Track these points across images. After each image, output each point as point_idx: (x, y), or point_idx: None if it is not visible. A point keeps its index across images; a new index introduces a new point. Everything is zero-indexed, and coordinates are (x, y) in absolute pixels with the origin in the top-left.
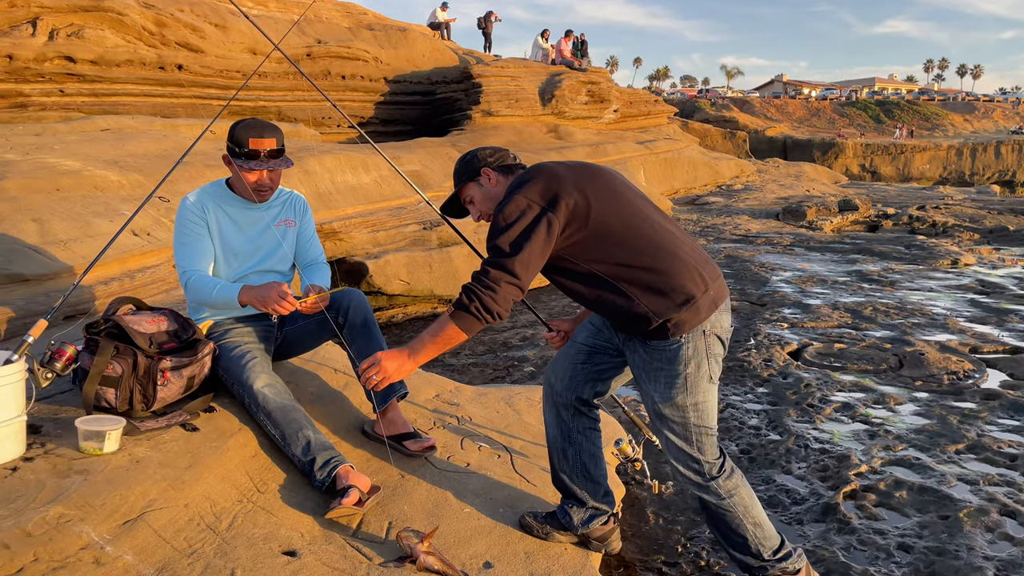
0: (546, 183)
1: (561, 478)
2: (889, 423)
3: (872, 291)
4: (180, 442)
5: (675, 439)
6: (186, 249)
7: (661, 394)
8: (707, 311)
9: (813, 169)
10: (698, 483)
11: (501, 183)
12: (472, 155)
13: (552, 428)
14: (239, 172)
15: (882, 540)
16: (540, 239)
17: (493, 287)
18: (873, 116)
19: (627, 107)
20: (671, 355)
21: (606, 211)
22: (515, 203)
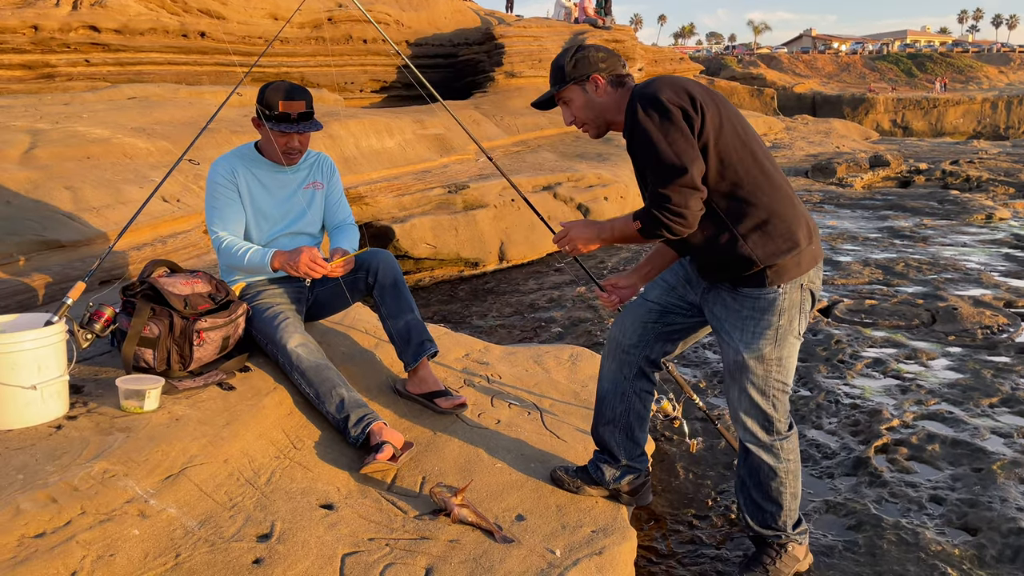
0: (683, 85)
1: (602, 431)
2: (921, 378)
3: (904, 247)
4: (217, 401)
5: (752, 392)
6: (217, 213)
7: (748, 344)
8: (808, 264)
9: (843, 125)
10: (763, 441)
11: (609, 94)
12: (582, 54)
13: (607, 382)
14: (269, 135)
15: (914, 492)
16: (691, 137)
17: (679, 211)
18: (905, 70)
19: (652, 66)
20: (765, 304)
21: (735, 135)
22: (657, 109)
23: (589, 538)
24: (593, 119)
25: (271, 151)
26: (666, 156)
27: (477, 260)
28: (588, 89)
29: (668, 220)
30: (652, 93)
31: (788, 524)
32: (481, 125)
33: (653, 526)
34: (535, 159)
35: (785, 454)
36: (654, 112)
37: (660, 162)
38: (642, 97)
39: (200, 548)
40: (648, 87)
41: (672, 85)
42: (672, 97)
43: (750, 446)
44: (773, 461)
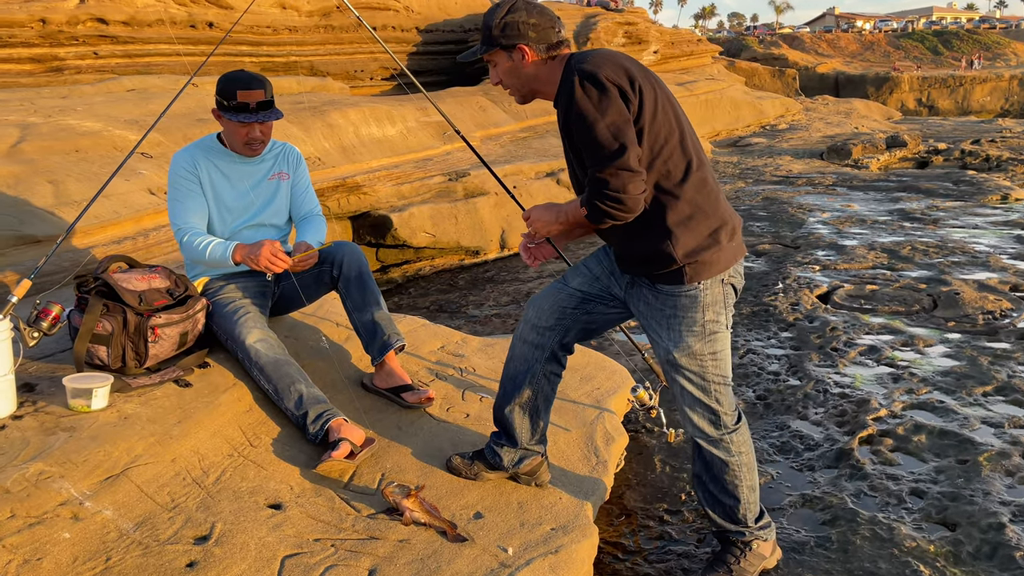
0: (621, 63)
1: (507, 413)
2: (915, 366)
3: (913, 230)
4: (172, 398)
5: (692, 389)
6: (179, 206)
7: (676, 342)
8: (728, 261)
9: (864, 105)
10: (711, 436)
11: (537, 65)
12: (511, 18)
13: (517, 362)
14: (229, 126)
15: (894, 486)
16: (630, 118)
17: (617, 196)
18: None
19: (668, 48)
20: (687, 302)
21: (668, 121)
22: (596, 86)
23: (547, 536)
24: (518, 87)
25: (233, 142)
26: (603, 137)
27: (478, 248)
28: (514, 57)
29: (607, 207)
30: (590, 70)
31: (748, 517)
32: (488, 111)
33: (623, 521)
34: (541, 145)
35: (736, 447)
36: (593, 89)
37: (597, 143)
38: (580, 73)
39: (132, 551)
40: (586, 62)
41: (611, 61)
42: (611, 75)
43: (700, 442)
44: (725, 455)
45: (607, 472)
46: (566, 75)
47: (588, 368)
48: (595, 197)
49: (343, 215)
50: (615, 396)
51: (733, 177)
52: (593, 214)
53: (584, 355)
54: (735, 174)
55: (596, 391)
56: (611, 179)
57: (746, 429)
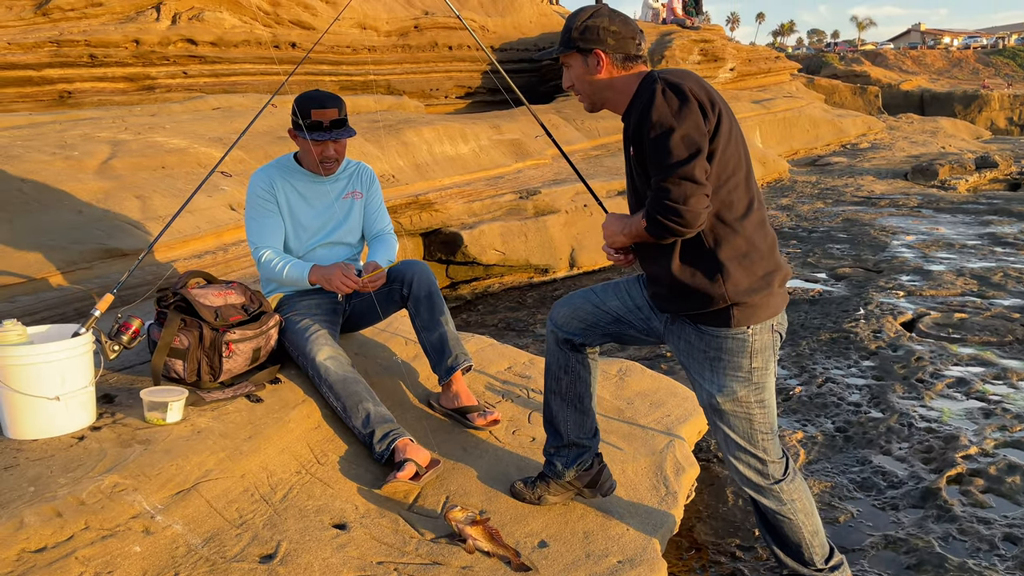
0: (703, 83)
1: (551, 407)
2: (1008, 400)
3: (1005, 255)
4: (243, 413)
5: (736, 437)
6: (256, 224)
7: (720, 387)
8: (777, 306)
9: (951, 124)
10: (759, 486)
11: (610, 74)
12: (592, 22)
13: (550, 356)
14: (304, 145)
15: (986, 530)
16: (705, 132)
17: (675, 207)
18: (1022, 64)
19: (744, 65)
20: (735, 346)
21: (738, 153)
22: (678, 95)
23: (613, 569)
24: (589, 93)
25: (309, 161)
26: (675, 145)
27: (547, 266)
28: (589, 63)
29: (667, 218)
30: (674, 81)
31: (816, 559)
32: (560, 129)
33: (693, 556)
34: (613, 163)
35: (787, 495)
36: (674, 97)
37: (667, 150)
38: (663, 81)
39: (200, 567)
40: (670, 74)
41: (695, 78)
42: (694, 88)
43: (749, 492)
44: (776, 505)
45: (677, 504)
46: (647, 84)
47: (658, 394)
48: (656, 207)
49: (415, 232)
50: (686, 424)
51: (812, 197)
52: (652, 226)
53: (654, 380)
54: (814, 194)
55: (666, 418)
56: (674, 188)
57: (796, 476)
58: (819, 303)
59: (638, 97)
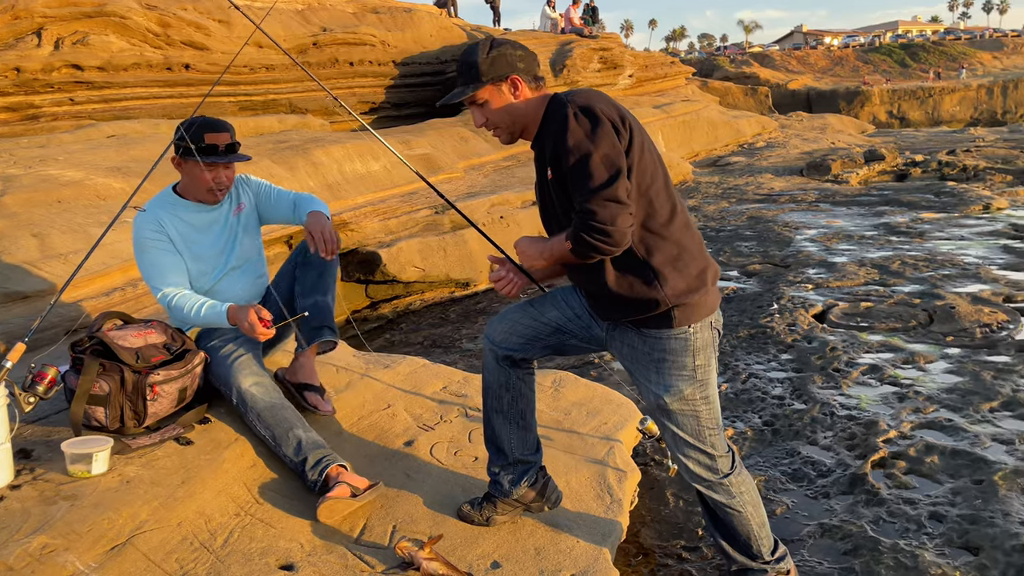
0: (611, 100)
1: (493, 426)
2: (919, 383)
3: (900, 244)
4: (173, 457)
5: (684, 435)
6: (156, 269)
7: (667, 387)
8: (714, 304)
9: (838, 120)
10: (709, 481)
11: (528, 96)
12: (499, 51)
13: (488, 374)
14: (193, 173)
15: (912, 510)
16: (622, 152)
17: (603, 228)
18: (898, 61)
19: (642, 71)
20: (678, 345)
21: (653, 162)
22: (590, 118)
23: None
24: (509, 124)
25: (194, 190)
26: (595, 167)
27: (468, 280)
28: (505, 91)
29: (594, 239)
30: (584, 103)
31: (764, 552)
32: (469, 142)
33: (641, 561)
34: (525, 173)
35: (736, 488)
36: (587, 120)
37: (588, 173)
38: (573, 104)
39: None
40: (577, 95)
41: (602, 97)
42: (604, 108)
43: (699, 487)
44: (727, 499)
45: (622, 511)
46: (556, 107)
47: (594, 402)
48: (582, 228)
49: None
50: (623, 430)
51: (716, 197)
52: (579, 247)
53: (589, 388)
54: (717, 194)
55: (604, 426)
56: (600, 210)
57: (743, 470)
58: (735, 300)
59: (549, 120)
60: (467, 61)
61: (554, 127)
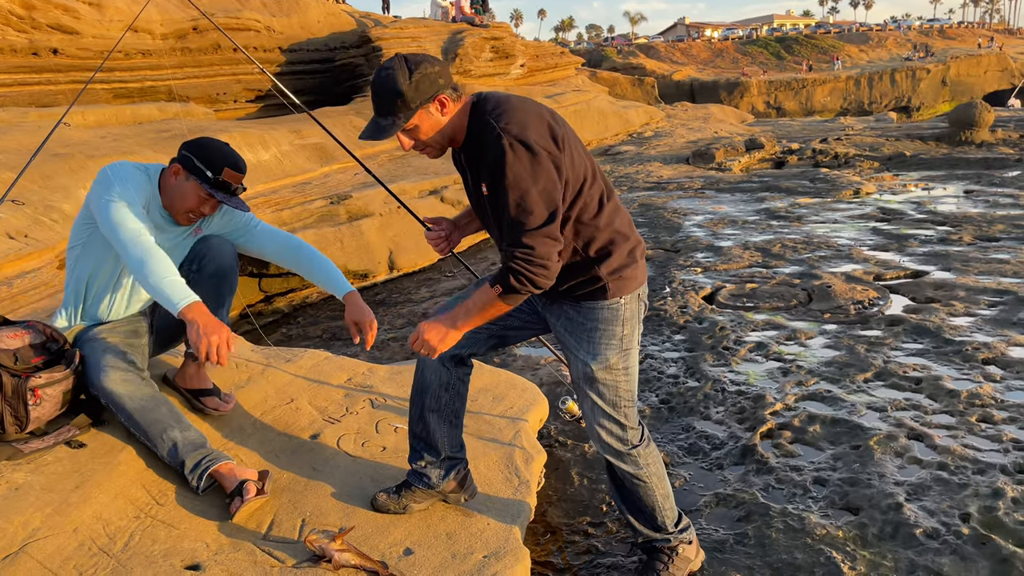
0: (541, 116)
1: (427, 423)
2: (801, 358)
3: (780, 228)
4: (65, 462)
5: (603, 404)
6: (132, 212)
7: (595, 355)
8: (642, 278)
9: (720, 110)
10: (619, 451)
11: (453, 111)
12: (421, 73)
13: (430, 372)
14: (185, 191)
15: (798, 476)
16: (560, 189)
17: (543, 263)
18: (774, 53)
19: (534, 61)
20: (610, 315)
21: (582, 160)
22: (529, 151)
23: (480, 565)
24: (439, 141)
25: (173, 202)
26: (534, 205)
27: (366, 272)
28: (433, 111)
29: (533, 274)
30: (519, 134)
31: (668, 523)
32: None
33: (549, 539)
34: (421, 163)
35: (644, 460)
36: (525, 155)
37: (527, 211)
38: (507, 134)
39: None
40: (510, 122)
41: (533, 117)
42: (539, 138)
43: (608, 458)
44: (634, 469)
45: (530, 492)
46: (486, 131)
47: (499, 387)
48: (524, 263)
49: None
50: (529, 412)
51: None
52: (513, 285)
53: (493, 374)
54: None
55: (510, 410)
56: (539, 246)
57: (651, 442)
58: None
59: (480, 143)
60: (389, 89)
61: (489, 158)
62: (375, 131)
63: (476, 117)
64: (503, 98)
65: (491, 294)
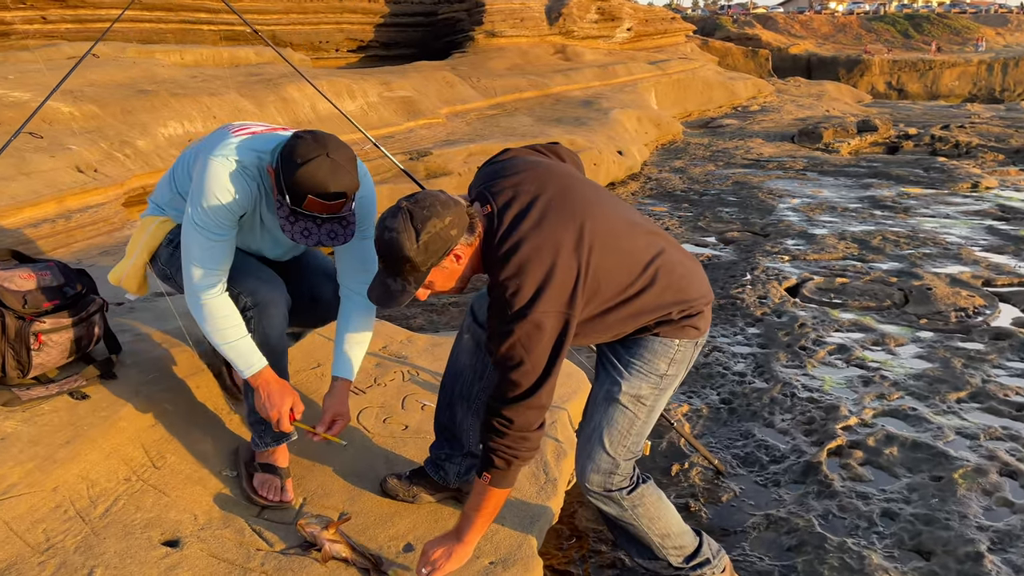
0: (558, 270)
1: (454, 413)
2: (886, 367)
3: (883, 218)
4: (62, 413)
5: (608, 430)
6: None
7: (628, 379)
8: (706, 324)
9: (836, 88)
10: (599, 492)
11: (470, 253)
12: (428, 234)
13: (465, 357)
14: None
15: (865, 506)
16: (566, 348)
17: (526, 436)
18: (902, 31)
19: (642, 25)
20: (660, 348)
21: (610, 252)
22: (530, 323)
23: (485, 572)
24: (459, 285)
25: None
26: (523, 377)
27: None
28: (448, 265)
29: (515, 449)
30: (529, 313)
31: (672, 559)
32: (455, 87)
33: (573, 545)
34: (509, 123)
35: (630, 503)
36: (528, 331)
37: (513, 383)
38: (516, 315)
39: None
40: (521, 295)
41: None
42: (553, 303)
43: (589, 496)
44: (617, 511)
45: (556, 492)
46: (496, 301)
47: None
48: (496, 442)
49: None
50: (571, 401)
51: (704, 159)
52: (499, 467)
53: None
54: (705, 156)
55: None
56: (517, 418)
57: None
58: (708, 268)
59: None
60: (395, 254)
61: (491, 322)
62: (384, 295)
63: (487, 260)
64: (519, 241)
65: (482, 487)
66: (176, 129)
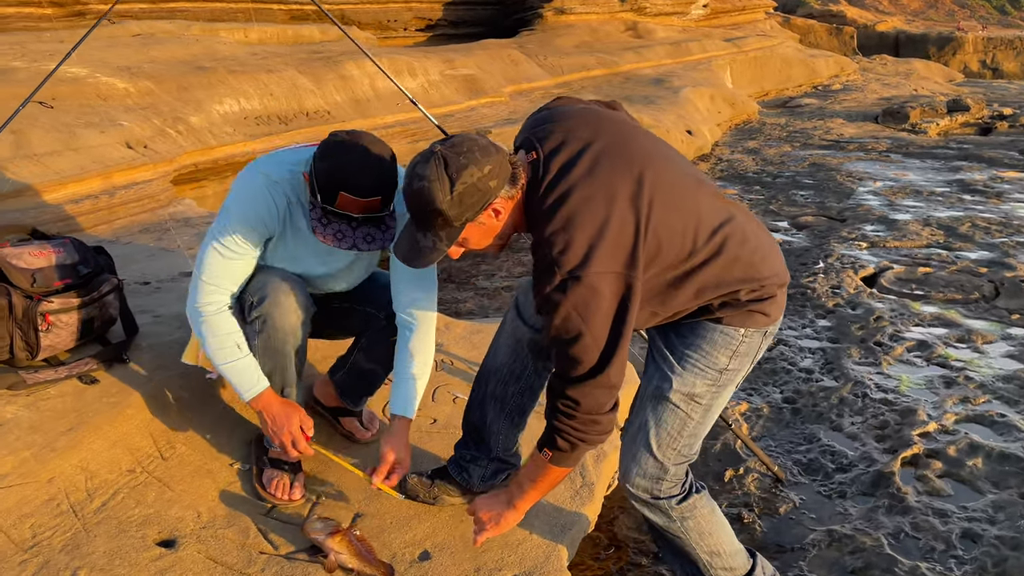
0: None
1: (485, 413)
2: (972, 367)
3: (973, 204)
4: (68, 398)
5: (655, 432)
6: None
7: (681, 374)
8: (779, 310)
9: (925, 66)
10: (646, 498)
11: (510, 208)
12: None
13: (503, 355)
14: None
15: (943, 525)
16: (632, 317)
17: (596, 420)
18: (998, 7)
19: (718, 2)
20: (720, 339)
21: (667, 202)
22: (586, 295)
23: None
24: (498, 243)
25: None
26: (583, 352)
27: None
28: (486, 220)
29: (583, 432)
30: (580, 270)
31: None
32: (520, 65)
33: (611, 555)
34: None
35: (679, 513)
36: (582, 295)
37: (574, 359)
38: (566, 273)
39: None
40: (569, 252)
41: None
42: (610, 262)
43: (634, 501)
44: (664, 521)
45: (593, 497)
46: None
47: None
48: (563, 423)
49: None
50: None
51: (779, 140)
52: (563, 448)
53: None
54: (782, 137)
55: None
56: (584, 400)
57: (700, 500)
58: None
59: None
60: (426, 206)
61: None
62: (411, 252)
63: (531, 214)
64: (568, 190)
65: (541, 461)
66: (232, 106)
